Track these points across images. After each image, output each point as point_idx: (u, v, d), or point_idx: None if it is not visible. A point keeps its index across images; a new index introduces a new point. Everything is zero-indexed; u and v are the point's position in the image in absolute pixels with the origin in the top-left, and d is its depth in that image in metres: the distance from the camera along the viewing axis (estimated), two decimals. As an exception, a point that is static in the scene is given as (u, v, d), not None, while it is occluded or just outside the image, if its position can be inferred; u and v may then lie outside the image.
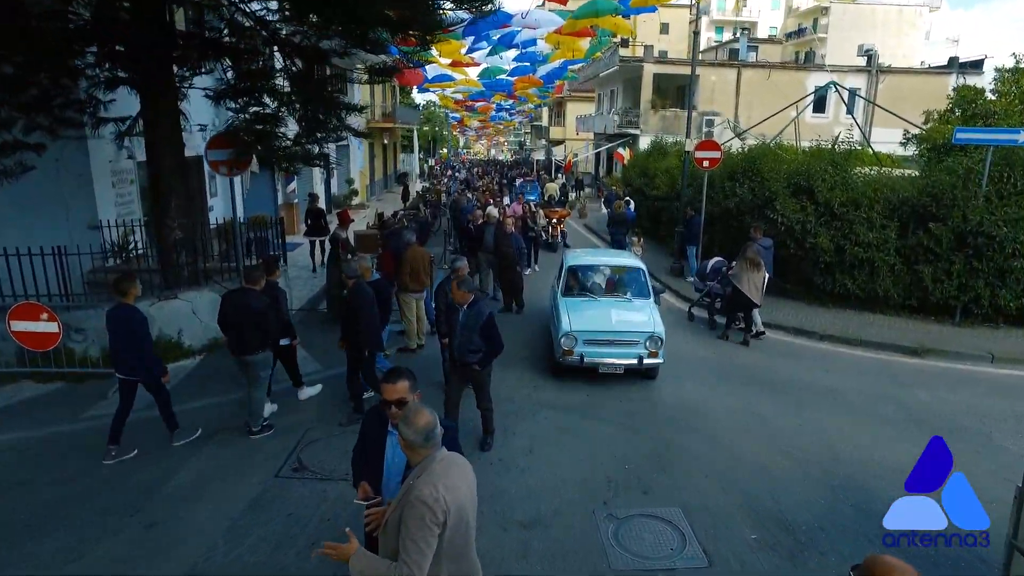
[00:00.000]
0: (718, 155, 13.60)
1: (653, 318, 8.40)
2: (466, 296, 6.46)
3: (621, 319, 8.42)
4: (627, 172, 25.70)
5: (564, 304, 8.79)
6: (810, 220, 11.59)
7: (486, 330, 6.27)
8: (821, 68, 32.41)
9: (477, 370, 6.44)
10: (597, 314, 8.52)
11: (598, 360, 8.15)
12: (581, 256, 10.31)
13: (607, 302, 8.95)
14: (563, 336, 8.19)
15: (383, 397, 3.36)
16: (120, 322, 6.19)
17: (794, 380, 8.81)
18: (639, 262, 9.78)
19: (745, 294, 9.81)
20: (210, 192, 15.61)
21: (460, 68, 21.34)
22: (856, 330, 10.72)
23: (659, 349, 8.15)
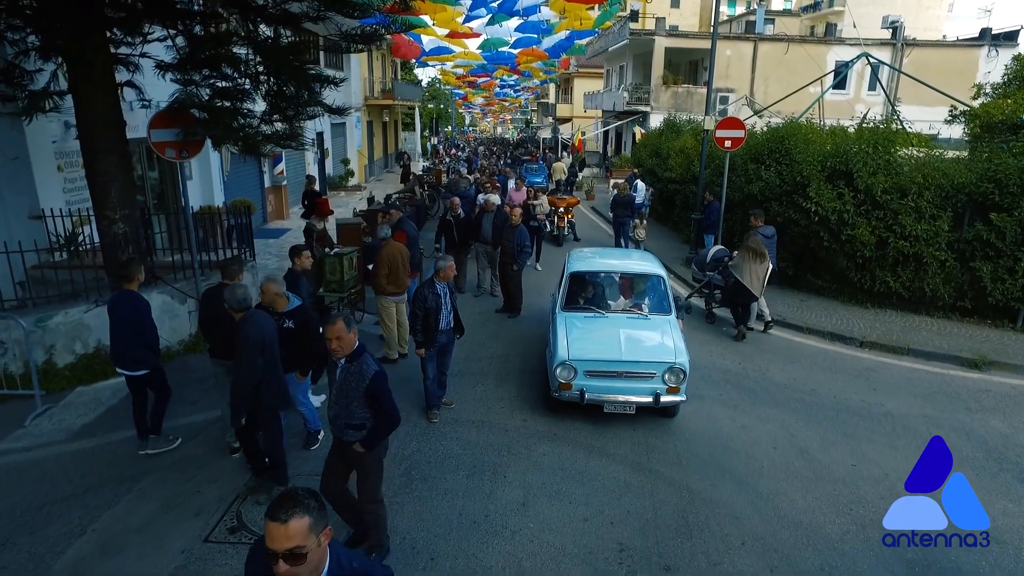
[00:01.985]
0: (742, 135, 12.16)
1: (675, 343, 6.73)
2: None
3: (633, 344, 6.74)
4: (638, 152, 24.21)
5: (563, 322, 7.16)
6: (848, 209, 10.20)
7: (373, 397, 4.24)
8: (843, 42, 30.60)
9: (360, 452, 4.41)
10: (603, 337, 6.86)
11: (603, 397, 6.55)
12: (587, 259, 8.47)
13: (617, 320, 7.23)
14: (559, 366, 6.57)
15: (266, 544, 2.09)
16: (125, 311, 5.80)
17: (838, 401, 7.51)
18: (659, 267, 7.98)
19: (746, 286, 9.14)
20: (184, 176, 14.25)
21: (458, 40, 19.80)
22: (902, 336, 9.39)
23: (681, 384, 6.45)
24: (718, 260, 10.06)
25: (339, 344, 4.14)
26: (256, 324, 5.09)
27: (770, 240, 10.07)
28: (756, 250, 9.17)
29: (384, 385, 4.29)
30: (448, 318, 6.78)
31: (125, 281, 5.95)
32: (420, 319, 6.66)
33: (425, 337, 6.70)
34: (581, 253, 8.84)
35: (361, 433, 4.36)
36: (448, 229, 11.44)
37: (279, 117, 9.43)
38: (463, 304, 11.16)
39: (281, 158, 19.78)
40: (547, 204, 14.77)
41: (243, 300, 5.11)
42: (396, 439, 6.47)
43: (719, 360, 8.78)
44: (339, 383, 4.33)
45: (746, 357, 8.90)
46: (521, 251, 10.27)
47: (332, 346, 4.15)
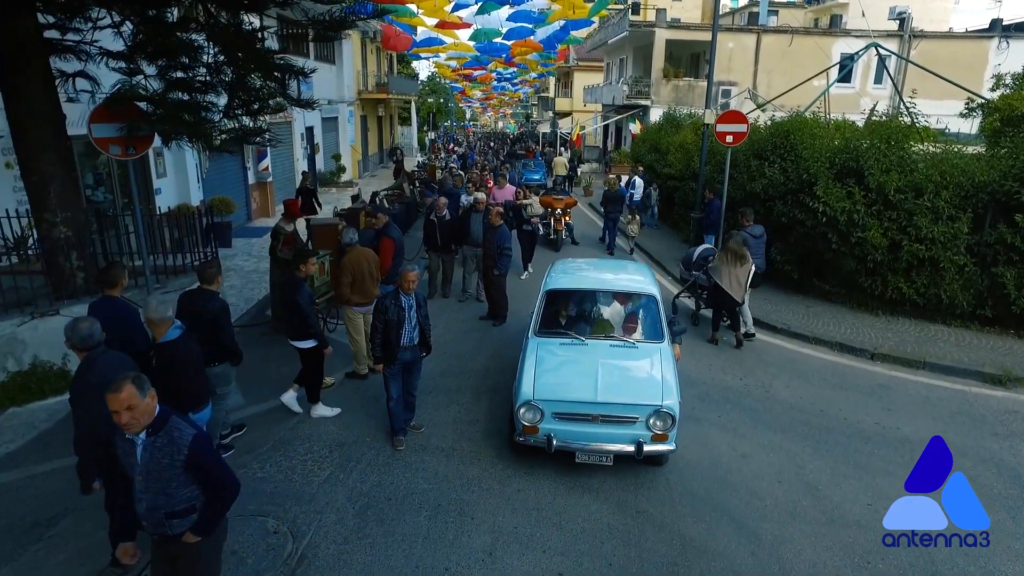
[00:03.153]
0: (744, 129, 11.42)
1: (664, 380, 5.65)
2: None
3: (613, 381, 5.64)
4: (636, 147, 23.44)
5: (534, 350, 6.11)
6: (858, 210, 9.46)
7: (199, 468, 3.27)
8: (848, 33, 29.72)
9: (188, 544, 3.39)
10: (577, 371, 5.80)
11: (574, 444, 5.52)
12: (569, 273, 7.32)
13: (597, 349, 6.10)
14: (522, 406, 5.53)
15: None
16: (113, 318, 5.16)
17: (849, 424, 6.79)
18: (651, 285, 6.88)
19: (725, 290, 8.58)
20: (156, 173, 13.57)
21: (449, 30, 19.03)
22: (917, 347, 8.66)
23: (669, 431, 5.42)
24: (704, 259, 9.48)
25: (132, 416, 3.10)
26: (100, 368, 4.05)
27: (758, 240, 9.55)
28: (736, 252, 8.59)
29: (209, 448, 3.37)
30: (412, 333, 6.07)
31: (107, 287, 5.50)
32: (380, 332, 5.97)
33: (384, 353, 6.01)
34: (565, 265, 7.79)
35: (191, 519, 3.34)
36: (431, 231, 10.68)
37: (243, 111, 8.73)
38: (448, 310, 10.53)
39: (266, 154, 19.06)
40: (539, 205, 13.44)
41: (87, 337, 4.19)
42: (355, 471, 5.80)
43: (719, 375, 8.06)
44: (143, 465, 3.21)
45: (748, 371, 8.18)
46: (501, 254, 9.55)
47: (122, 420, 3.10)
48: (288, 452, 6.17)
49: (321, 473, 5.81)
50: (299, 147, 22.91)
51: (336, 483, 5.65)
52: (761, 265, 9.65)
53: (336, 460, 6.03)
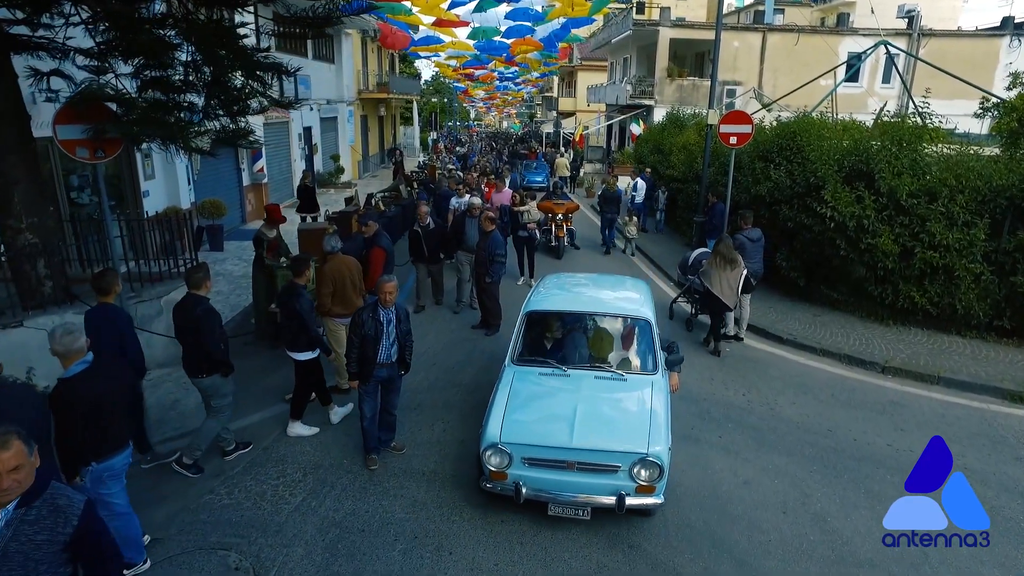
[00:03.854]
0: (749, 130, 10.99)
1: (653, 421, 4.95)
2: None
3: (592, 423, 4.94)
4: (639, 148, 23.00)
5: (509, 381, 5.48)
6: (868, 215, 9.02)
7: (90, 543, 2.69)
8: (856, 32, 29.20)
9: None
10: (553, 409, 5.16)
11: (546, 494, 4.84)
12: (555, 291, 6.67)
13: (580, 382, 5.42)
14: (488, 449, 4.89)
15: None
16: (108, 326, 5.23)
17: (860, 445, 6.36)
18: (646, 306, 6.22)
19: (716, 295, 8.32)
20: (144, 175, 13.23)
21: (447, 28, 18.64)
22: (930, 360, 8.21)
23: (656, 482, 4.73)
24: (700, 263, 9.14)
25: (15, 480, 2.51)
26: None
27: (756, 244, 9.22)
28: (726, 256, 8.34)
29: (101, 519, 2.79)
30: (390, 350, 5.69)
31: (101, 294, 5.40)
32: (355, 347, 5.59)
33: (360, 369, 5.63)
34: (552, 281, 7.13)
35: None
36: (416, 241, 10.15)
37: (224, 112, 8.34)
38: (439, 319, 10.12)
39: (261, 154, 18.75)
40: (537, 211, 12.45)
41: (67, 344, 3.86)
42: (329, 497, 5.41)
43: (720, 389, 7.63)
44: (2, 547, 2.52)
45: (751, 386, 7.75)
46: (493, 261, 9.13)
47: (2, 485, 2.49)
48: (260, 475, 5.79)
49: (292, 499, 5.42)
50: (296, 147, 22.59)
51: (307, 511, 5.26)
52: (759, 270, 9.31)
53: (310, 485, 5.64)
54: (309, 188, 16.96)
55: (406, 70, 48.61)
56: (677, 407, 6.90)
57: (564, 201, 14.56)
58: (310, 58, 23.67)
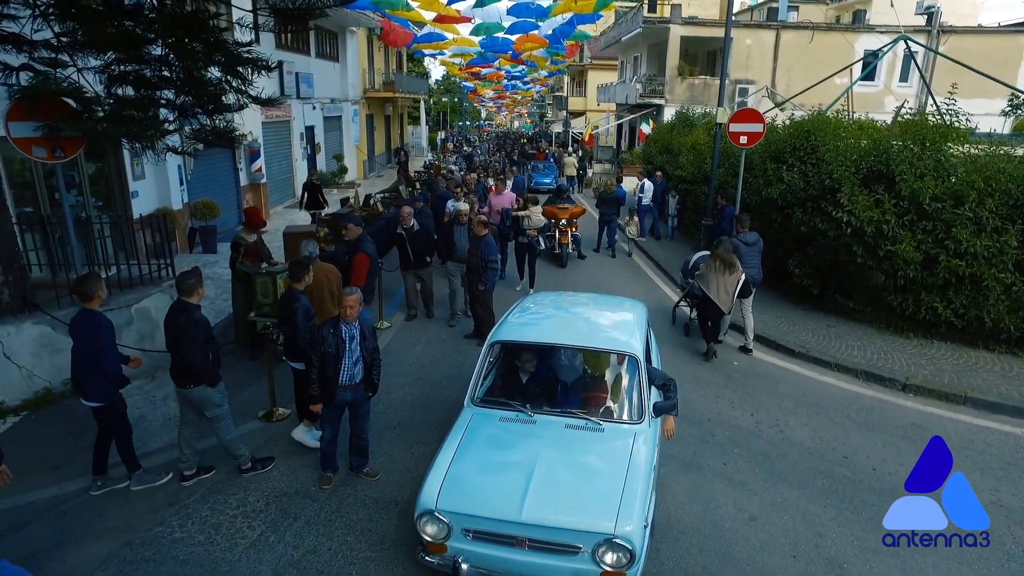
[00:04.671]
0: (760, 129, 10.40)
1: (627, 490, 4.00)
2: None
3: (551, 489, 4.03)
4: (648, 148, 22.40)
5: (462, 427, 4.67)
6: (888, 220, 8.40)
7: None
8: (872, 29, 28.41)
9: None
10: (506, 468, 4.30)
11: (491, 574, 4.04)
12: (529, 316, 5.74)
13: (546, 431, 4.54)
14: (423, 515, 4.09)
15: None
16: (85, 333, 5.03)
17: (880, 476, 5.76)
18: (634, 340, 5.17)
19: (713, 300, 8.00)
20: (133, 175, 12.81)
21: (449, 25, 18.14)
22: (956, 378, 7.59)
23: (628, 568, 3.80)
24: (700, 266, 8.72)
25: None
26: None
27: (751, 248, 8.76)
28: (724, 259, 8.00)
29: None
30: (353, 370, 5.18)
31: (83, 300, 5.12)
32: (315, 367, 5.09)
33: (321, 391, 5.13)
34: (530, 303, 6.19)
35: None
36: (400, 244, 9.53)
37: (200, 109, 7.87)
38: (430, 328, 9.56)
39: (259, 154, 18.33)
40: (540, 216, 11.58)
41: None
42: (290, 531, 4.92)
43: (726, 409, 7.06)
44: None
45: (760, 405, 7.17)
46: (487, 267, 8.58)
47: None
48: (219, 504, 5.30)
49: (250, 533, 4.93)
50: (298, 147, 22.19)
51: (264, 548, 4.76)
52: (756, 275, 8.82)
53: (271, 516, 5.15)
54: (316, 185, 16.65)
55: (415, 69, 48.22)
56: (679, 428, 6.35)
57: (569, 206, 13.78)
58: (313, 56, 23.29)
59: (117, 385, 5.21)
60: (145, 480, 5.50)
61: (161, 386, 7.56)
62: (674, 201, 15.97)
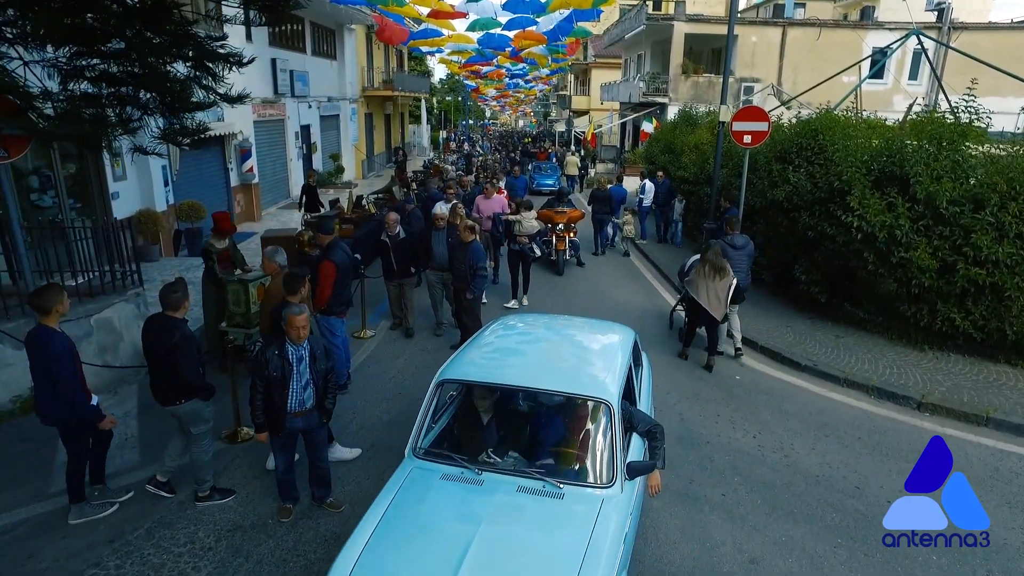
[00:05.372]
0: (765, 128, 9.86)
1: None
2: None
3: None
4: (650, 148, 21.85)
5: (395, 487, 3.89)
6: (902, 224, 7.85)
7: None
8: (881, 26, 27.80)
9: None
10: (430, 553, 3.35)
11: None
12: (486, 349, 4.81)
13: (491, 496, 3.72)
14: None
15: None
16: (38, 352, 4.58)
17: (893, 509, 5.22)
18: (610, 381, 4.24)
19: (703, 306, 7.67)
20: (114, 175, 12.37)
21: (443, 21, 17.64)
22: (976, 395, 7.04)
23: None
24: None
25: None
26: None
27: (740, 252, 8.42)
28: (715, 264, 7.69)
29: None
30: (302, 395, 4.68)
31: (40, 314, 4.66)
32: (259, 393, 4.58)
33: (267, 419, 4.63)
34: (496, 330, 5.26)
35: None
36: (384, 253, 8.89)
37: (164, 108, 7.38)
38: (413, 341, 9.00)
39: (250, 154, 17.88)
40: (534, 221, 10.73)
41: None
42: (240, 572, 4.41)
43: (727, 429, 6.53)
44: None
45: (764, 425, 6.64)
46: (475, 275, 8.05)
47: None
48: (164, 540, 4.80)
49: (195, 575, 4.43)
50: (293, 146, 21.75)
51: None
52: (744, 280, 8.42)
53: (221, 554, 4.65)
54: (313, 188, 16.24)
55: (417, 68, 47.74)
56: (675, 453, 5.85)
57: (567, 209, 13.05)
58: (309, 54, 22.85)
59: (73, 407, 4.68)
60: (86, 512, 5.01)
61: (122, 402, 7.09)
62: (680, 205, 15.13)
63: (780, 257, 10.37)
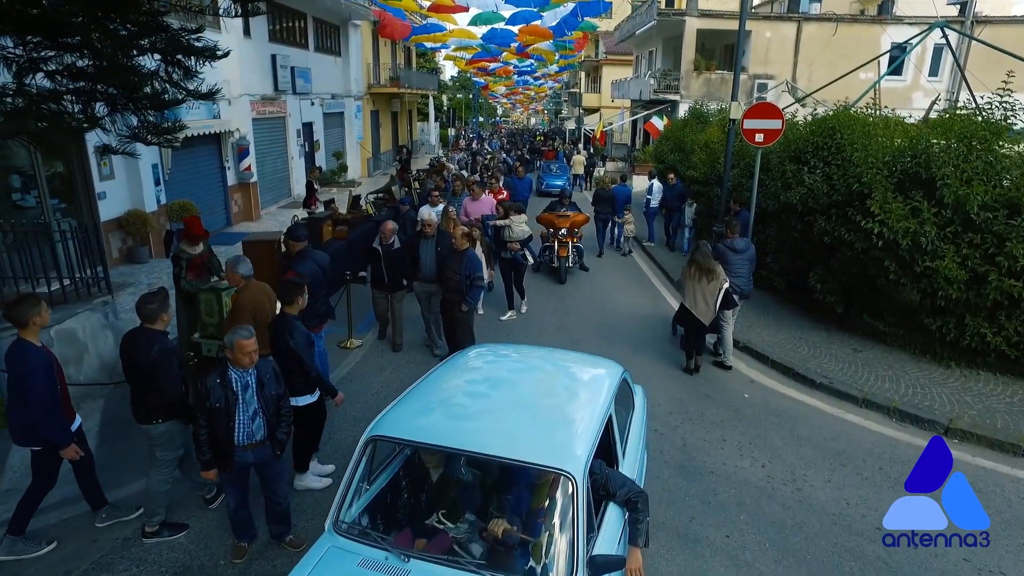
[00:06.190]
0: (778, 126, 9.25)
1: None
2: None
3: None
4: (660, 146, 21.21)
5: (309, 565, 3.20)
6: (927, 231, 7.22)
7: None
8: (900, 21, 26.97)
9: None
10: None
11: None
12: (430, 402, 4.00)
13: None
14: None
15: None
16: (13, 367, 4.26)
17: (929, 560, 4.61)
18: (575, 446, 3.38)
19: (689, 309, 7.36)
20: (100, 174, 11.96)
21: (445, 15, 17.11)
22: (1011, 421, 6.40)
23: None
24: None
25: None
26: None
27: (740, 256, 7.95)
28: (702, 265, 7.33)
29: None
30: (251, 426, 4.16)
31: (18, 327, 4.35)
32: (203, 426, 4.07)
33: (214, 454, 4.12)
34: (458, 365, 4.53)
35: None
36: (375, 261, 8.10)
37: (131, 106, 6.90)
38: (406, 351, 8.43)
39: (248, 151, 17.43)
40: (524, 227, 9.85)
41: None
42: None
43: (733, 457, 5.95)
44: None
45: (774, 452, 6.06)
46: (472, 285, 7.46)
47: None
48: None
49: (128, 630, 3.94)
50: (294, 144, 21.30)
51: (138, 653, 3.76)
52: (745, 286, 7.98)
53: (162, 602, 4.16)
54: (309, 183, 15.85)
55: (425, 65, 47.26)
56: (675, 485, 5.30)
57: (570, 213, 12.20)
58: (312, 50, 22.41)
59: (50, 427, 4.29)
60: (18, 550, 4.53)
61: (84, 419, 6.57)
62: (691, 210, 14.23)
63: (794, 264, 9.75)
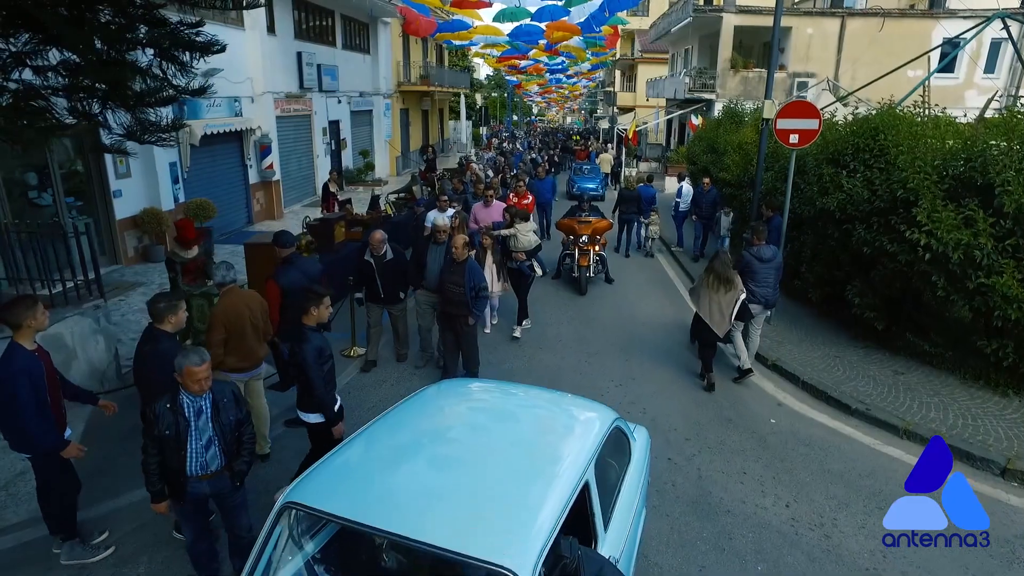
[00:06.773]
0: (815, 126, 8.54)
1: None
2: None
3: None
4: (692, 146, 20.44)
5: None
6: (982, 243, 6.48)
7: None
8: (953, 14, 25.58)
9: None
10: None
11: None
12: (366, 459, 3.27)
13: None
14: None
15: None
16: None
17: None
18: (525, 537, 2.60)
19: (703, 319, 6.97)
20: (116, 172, 11.84)
21: (470, 11, 16.68)
22: (1074, 461, 5.67)
23: None
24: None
25: None
26: None
27: (767, 265, 7.52)
28: (720, 274, 6.95)
29: None
30: (204, 455, 3.73)
31: (12, 329, 4.14)
32: (152, 455, 3.65)
33: (167, 484, 3.71)
34: (413, 408, 3.80)
35: None
36: (368, 275, 7.47)
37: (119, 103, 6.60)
38: (397, 369, 7.82)
39: (271, 149, 17.28)
40: (532, 235, 9.03)
41: None
42: None
43: (753, 494, 5.35)
44: None
45: (800, 489, 5.43)
46: (477, 296, 6.91)
47: None
48: None
49: None
50: (320, 143, 21.13)
51: None
52: (771, 296, 7.53)
53: (106, 648, 3.78)
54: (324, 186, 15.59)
55: (458, 63, 46.99)
56: (687, 525, 4.73)
57: (592, 218, 11.36)
58: (339, 47, 22.27)
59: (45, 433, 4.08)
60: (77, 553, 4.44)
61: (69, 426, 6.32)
62: (728, 219, 13.14)
63: (830, 275, 9.03)
